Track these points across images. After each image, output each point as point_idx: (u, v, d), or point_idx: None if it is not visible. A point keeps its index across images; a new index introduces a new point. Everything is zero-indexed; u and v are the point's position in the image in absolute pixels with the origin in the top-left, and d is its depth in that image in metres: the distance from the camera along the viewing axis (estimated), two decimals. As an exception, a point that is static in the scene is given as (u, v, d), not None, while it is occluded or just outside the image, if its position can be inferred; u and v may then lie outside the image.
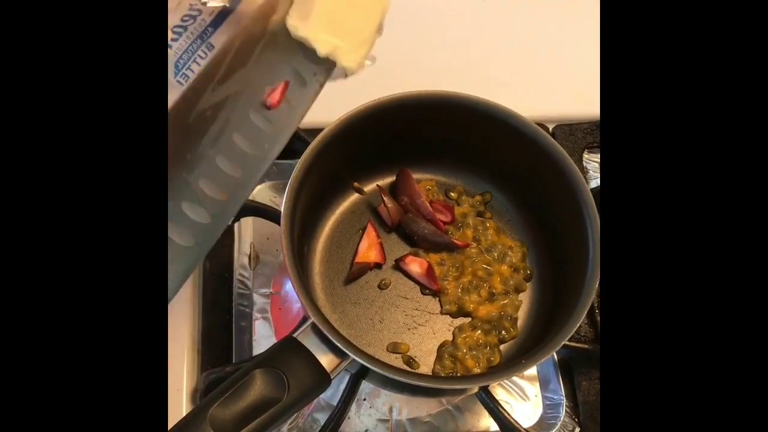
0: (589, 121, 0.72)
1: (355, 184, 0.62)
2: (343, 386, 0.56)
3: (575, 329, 0.49)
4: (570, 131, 0.72)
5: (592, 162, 0.73)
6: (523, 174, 0.59)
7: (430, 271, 0.58)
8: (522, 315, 0.59)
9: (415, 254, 0.59)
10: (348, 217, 0.62)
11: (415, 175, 0.62)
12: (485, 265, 0.59)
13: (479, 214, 0.62)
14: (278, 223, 0.55)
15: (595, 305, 0.63)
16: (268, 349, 0.49)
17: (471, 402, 0.61)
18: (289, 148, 0.66)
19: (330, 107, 0.54)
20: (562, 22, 0.82)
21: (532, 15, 0.83)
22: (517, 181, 0.61)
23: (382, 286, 0.59)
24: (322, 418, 0.57)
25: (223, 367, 0.55)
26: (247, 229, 0.66)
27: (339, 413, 0.55)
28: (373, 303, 0.58)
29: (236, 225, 0.65)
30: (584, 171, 0.72)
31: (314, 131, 0.55)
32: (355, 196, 0.62)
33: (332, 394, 0.58)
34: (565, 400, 0.61)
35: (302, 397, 0.45)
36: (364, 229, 0.60)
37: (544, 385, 0.62)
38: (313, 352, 0.47)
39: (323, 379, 0.47)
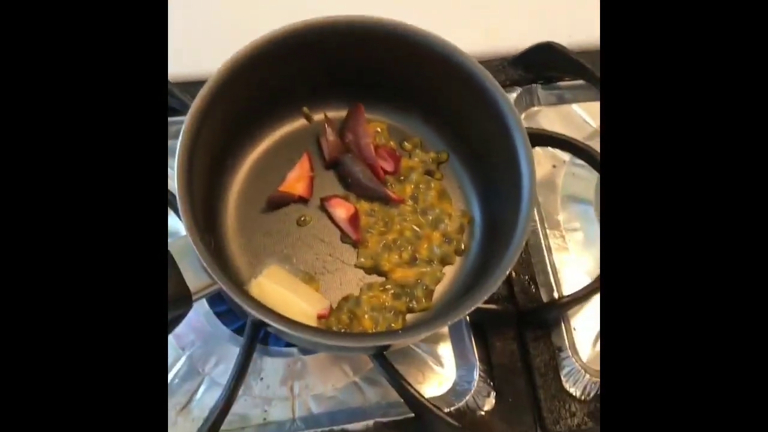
0: (501, 57, 0.66)
1: (305, 108, 0.57)
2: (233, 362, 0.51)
3: (484, 299, 0.44)
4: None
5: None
6: (477, 137, 0.54)
7: (354, 218, 0.54)
8: (441, 289, 0.54)
9: (345, 198, 0.55)
10: (288, 142, 0.57)
11: (372, 116, 0.57)
12: (416, 226, 0.54)
13: (428, 173, 0.57)
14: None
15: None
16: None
17: (378, 374, 0.57)
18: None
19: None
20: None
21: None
22: (473, 146, 0.55)
23: (300, 223, 0.55)
24: (212, 399, 0.52)
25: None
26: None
27: (230, 392, 0.49)
28: (286, 237, 0.54)
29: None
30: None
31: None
32: (301, 123, 0.58)
33: (223, 371, 0.54)
34: (478, 363, 0.57)
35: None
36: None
37: (457, 348, 0.58)
38: (180, 265, 0.43)
39: (183, 296, 0.43)
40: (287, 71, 0.52)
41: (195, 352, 0.56)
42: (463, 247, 0.55)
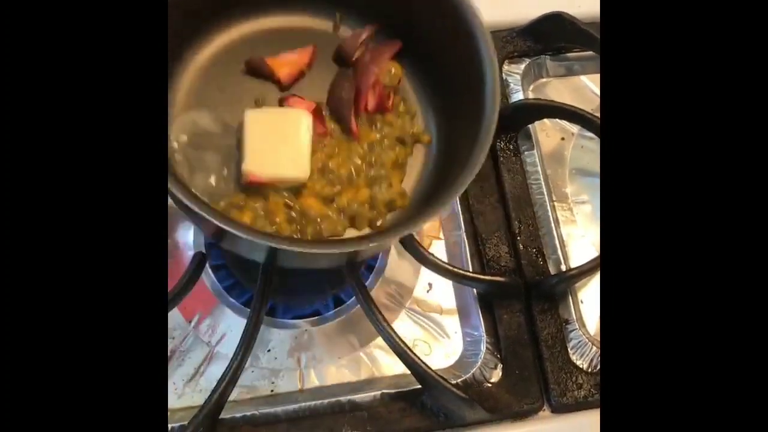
0: (509, 27, 0.66)
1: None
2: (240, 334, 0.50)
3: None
4: (488, 40, 0.67)
5: (514, 74, 0.67)
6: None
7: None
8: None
9: (317, 109, 0.51)
10: (303, 33, 0.54)
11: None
12: (354, 170, 0.51)
13: (401, 140, 0.53)
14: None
15: (517, 232, 0.60)
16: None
17: (385, 346, 0.56)
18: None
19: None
20: None
21: None
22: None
23: (257, 102, 0.51)
24: (219, 371, 0.50)
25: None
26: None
27: (238, 362, 0.49)
28: (237, 104, 0.50)
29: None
30: (505, 84, 0.66)
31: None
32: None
33: (230, 343, 0.54)
34: (485, 336, 0.57)
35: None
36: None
37: (465, 320, 0.58)
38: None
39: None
40: None
41: (202, 324, 0.56)
42: (379, 224, 0.51)
